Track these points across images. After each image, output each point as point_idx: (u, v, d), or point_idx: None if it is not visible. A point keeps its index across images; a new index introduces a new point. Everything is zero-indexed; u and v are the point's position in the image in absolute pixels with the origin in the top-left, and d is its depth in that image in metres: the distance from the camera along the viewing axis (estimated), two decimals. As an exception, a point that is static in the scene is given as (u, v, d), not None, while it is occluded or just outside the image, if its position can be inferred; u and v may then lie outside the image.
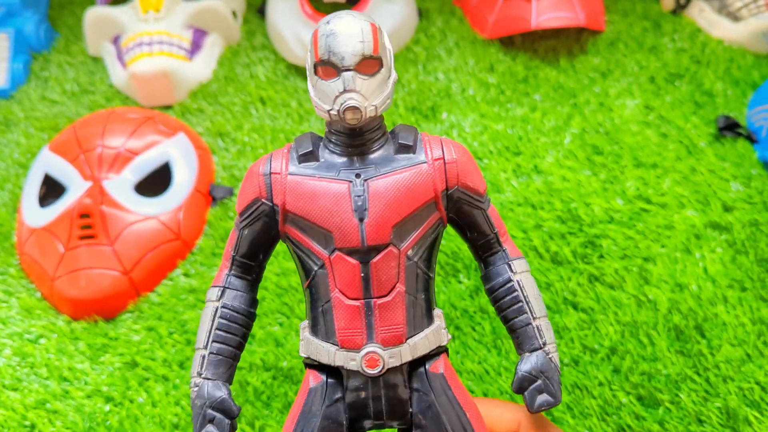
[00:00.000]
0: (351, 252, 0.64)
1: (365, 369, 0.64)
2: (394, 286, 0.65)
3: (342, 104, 0.63)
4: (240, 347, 0.69)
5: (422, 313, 0.67)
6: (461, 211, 0.69)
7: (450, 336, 0.69)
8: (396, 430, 0.69)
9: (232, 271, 0.70)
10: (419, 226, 0.66)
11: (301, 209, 0.65)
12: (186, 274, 1.17)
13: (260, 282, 0.72)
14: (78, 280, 1.10)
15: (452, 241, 1.18)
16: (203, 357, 0.68)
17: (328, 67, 0.63)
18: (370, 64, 0.65)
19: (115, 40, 1.54)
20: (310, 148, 0.67)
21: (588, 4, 1.52)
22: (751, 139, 1.34)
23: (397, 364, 0.65)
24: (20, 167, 1.36)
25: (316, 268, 0.66)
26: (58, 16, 1.70)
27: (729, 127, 1.35)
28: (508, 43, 1.57)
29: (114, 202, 1.16)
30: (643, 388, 0.98)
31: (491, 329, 1.07)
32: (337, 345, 0.65)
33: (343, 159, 0.66)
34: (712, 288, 1.11)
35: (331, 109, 0.64)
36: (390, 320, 0.65)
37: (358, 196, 0.65)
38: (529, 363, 0.67)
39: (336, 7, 1.54)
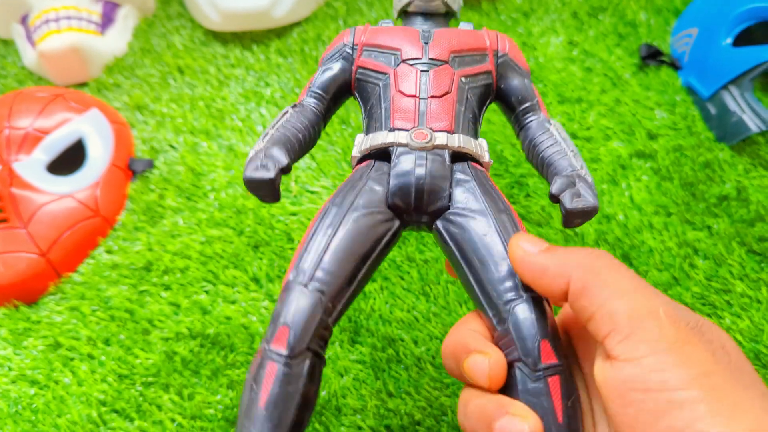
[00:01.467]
0: (414, 62, 0.73)
1: (413, 140, 0.69)
2: (446, 93, 0.72)
3: None
4: (301, 138, 0.73)
5: (468, 126, 0.73)
6: (509, 76, 0.76)
7: (491, 161, 0.74)
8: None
9: (308, 98, 0.77)
10: (474, 64, 0.75)
11: (377, 40, 0.76)
12: (108, 251, 1.14)
13: (324, 122, 0.78)
14: (-8, 266, 1.06)
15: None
16: (267, 134, 0.72)
17: None
18: None
19: (23, 20, 1.48)
20: (390, 23, 0.79)
21: (507, -56, 1.49)
22: (674, 65, 1.33)
23: (443, 142, 0.69)
24: (-69, 159, 1.31)
25: (381, 83, 0.74)
26: (-36, 1, 1.63)
27: (652, 56, 1.34)
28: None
29: (25, 183, 1.12)
30: (571, 320, 0.98)
31: (419, 276, 1.06)
32: (391, 129, 0.71)
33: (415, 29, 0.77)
34: (639, 216, 1.11)
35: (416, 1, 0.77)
36: (439, 114, 0.71)
37: (425, 33, 0.75)
38: (566, 176, 0.70)
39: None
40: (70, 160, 1.20)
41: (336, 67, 0.77)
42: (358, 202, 0.67)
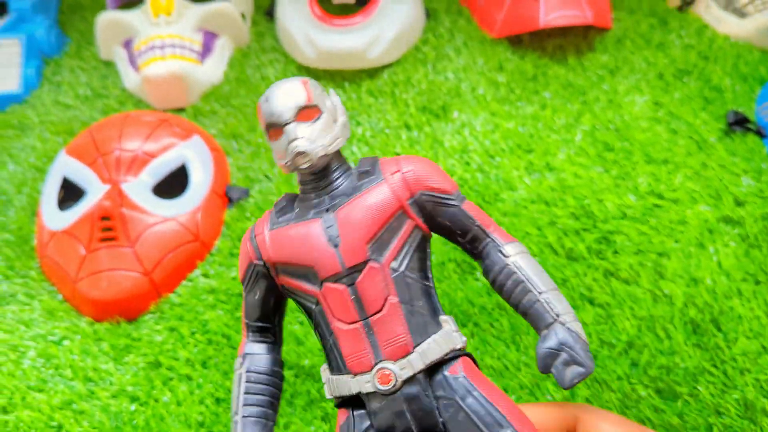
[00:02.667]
0: (336, 279, 0.66)
1: (379, 387, 0.64)
2: (385, 300, 0.66)
3: (291, 152, 0.67)
4: (272, 406, 0.71)
5: (425, 320, 0.66)
6: (436, 214, 0.70)
7: (464, 339, 0.67)
8: None
9: (250, 338, 0.73)
10: (395, 238, 0.68)
11: (285, 256, 0.69)
12: (205, 275, 1.18)
13: (281, 343, 0.75)
14: (100, 281, 1.11)
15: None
16: (236, 423, 0.70)
17: (274, 128, 0.69)
18: (307, 112, 0.69)
19: (127, 44, 1.55)
20: (284, 203, 0.72)
21: (595, 2, 1.53)
22: (760, 133, 1.35)
23: (410, 374, 0.64)
24: (37, 171, 1.37)
25: (313, 306, 0.68)
26: (68, 21, 1.71)
27: (738, 122, 1.36)
28: (516, 41, 1.58)
29: (133, 205, 1.17)
30: (662, 382, 1.00)
31: (509, 325, 1.08)
32: (350, 373, 0.66)
33: (315, 200, 0.70)
34: (727, 282, 1.12)
35: (286, 162, 0.69)
36: (390, 333, 0.65)
37: (329, 226, 0.67)
38: (547, 339, 0.65)
39: (344, 9, 1.55)
40: (172, 183, 1.25)
41: (260, 288, 0.72)
42: None
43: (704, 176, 1.28)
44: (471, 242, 0.71)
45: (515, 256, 0.69)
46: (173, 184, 1.25)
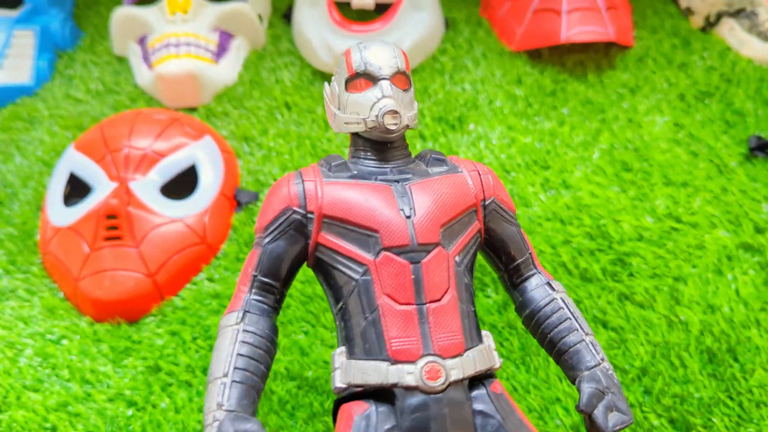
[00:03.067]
0: (400, 252, 0.60)
1: (426, 382, 0.57)
2: (446, 291, 0.61)
3: (381, 109, 0.63)
4: (264, 378, 0.62)
5: (475, 326, 0.63)
6: (497, 227, 0.67)
7: (501, 361, 0.64)
8: None
9: (253, 293, 0.64)
10: (464, 232, 0.64)
11: (342, 211, 0.62)
12: (210, 279, 1.16)
13: (279, 311, 0.66)
14: (102, 280, 1.08)
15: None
16: (224, 385, 0.59)
17: (363, 79, 0.65)
18: (402, 79, 0.67)
19: (141, 41, 1.53)
20: (338, 161, 0.67)
21: (617, 19, 1.51)
22: (782, 160, 1.33)
23: (461, 376, 0.58)
24: (44, 165, 1.35)
25: (357, 276, 0.61)
26: (83, 15, 1.69)
27: (760, 148, 1.33)
28: (535, 55, 1.56)
29: (140, 204, 1.15)
30: (675, 411, 0.97)
31: (519, 345, 1.05)
32: (389, 359, 0.58)
33: (377, 169, 0.66)
34: (745, 311, 1.09)
35: (367, 117, 0.64)
36: (447, 326, 0.59)
37: (403, 196, 0.63)
38: (593, 380, 0.62)
39: (364, 14, 1.53)
40: (180, 184, 1.22)
41: (287, 240, 0.63)
42: None
43: (724, 201, 1.25)
44: (517, 268, 0.68)
45: (562, 293, 0.67)
46: (182, 185, 1.23)
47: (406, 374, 0.58)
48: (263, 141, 1.39)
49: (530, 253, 0.69)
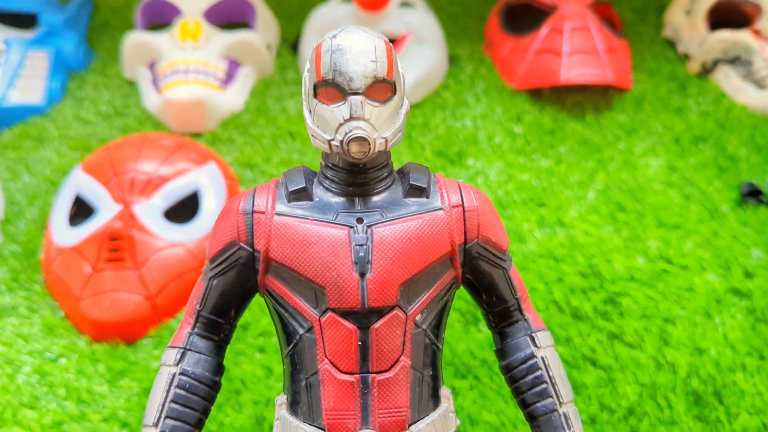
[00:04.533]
0: (347, 314, 0.54)
1: None
2: (397, 360, 0.54)
3: (347, 134, 0.53)
4: (199, 424, 0.57)
5: (429, 393, 0.57)
6: (479, 270, 0.58)
7: (459, 422, 0.60)
8: None
9: (196, 329, 0.59)
10: (431, 286, 0.56)
11: (289, 258, 0.55)
12: (208, 303, 1.18)
13: (229, 342, 0.61)
14: (102, 302, 1.11)
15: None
16: None
17: (332, 89, 0.54)
18: (382, 88, 0.55)
19: (152, 66, 1.57)
20: (303, 185, 0.58)
21: (616, 63, 1.55)
22: (773, 206, 1.35)
23: None
24: (51, 184, 1.38)
25: (301, 331, 0.55)
26: (96, 38, 1.74)
27: (752, 194, 1.36)
28: (535, 94, 1.60)
29: (143, 227, 1.17)
30: (660, 452, 0.98)
31: (510, 381, 1.07)
32: (323, 430, 0.54)
33: (342, 199, 0.56)
34: (732, 354, 1.11)
35: (332, 140, 0.54)
36: (391, 401, 0.54)
37: (360, 245, 0.55)
38: None
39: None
40: (183, 208, 1.25)
41: (231, 276, 0.57)
42: None
43: (714, 245, 1.27)
44: (501, 313, 0.61)
45: (546, 350, 0.60)
46: (185, 209, 1.25)
47: None
48: (266, 168, 1.42)
49: (518, 299, 0.61)
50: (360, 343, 0.54)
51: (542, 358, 0.59)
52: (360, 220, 0.55)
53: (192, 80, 1.48)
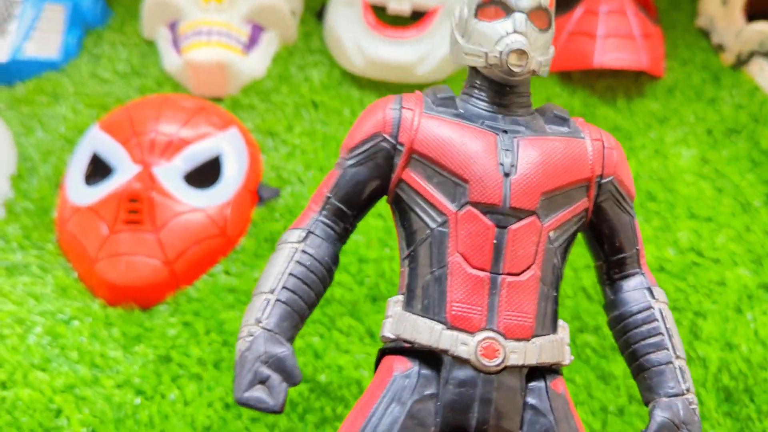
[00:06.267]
0: (487, 210, 0.54)
1: (480, 359, 0.52)
2: (529, 267, 0.54)
3: (507, 45, 0.56)
4: (312, 306, 0.58)
5: (551, 313, 0.56)
6: (609, 212, 0.59)
7: (572, 357, 0.58)
8: None
9: (322, 216, 0.60)
10: (567, 208, 0.57)
11: (434, 150, 0.56)
12: (227, 272, 1.14)
13: (345, 241, 0.62)
14: (119, 264, 1.07)
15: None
16: (267, 302, 0.56)
17: (497, 7, 0.58)
18: (543, 16, 0.59)
19: (172, 26, 1.52)
20: (447, 94, 0.60)
21: (651, 49, 1.50)
22: (806, 203, 1.32)
23: (520, 362, 0.53)
24: (65, 141, 1.33)
25: (433, 225, 0.55)
26: (114, -5, 1.68)
27: (786, 190, 1.33)
28: (565, 77, 1.56)
29: (163, 190, 1.13)
30: (690, 447, 0.96)
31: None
32: (446, 323, 0.53)
33: (487, 113, 0.58)
34: (763, 351, 1.08)
35: (490, 52, 0.57)
36: (518, 306, 0.53)
37: (507, 150, 0.56)
38: (670, 410, 0.56)
39: (399, 20, 1.52)
40: (203, 173, 1.21)
41: (368, 167, 0.59)
42: None
43: (746, 239, 1.24)
44: (619, 262, 0.60)
45: (663, 304, 0.60)
46: (204, 174, 1.21)
47: (460, 344, 0.53)
48: (288, 138, 1.37)
49: (638, 250, 0.61)
50: (495, 241, 0.54)
51: (659, 311, 0.59)
52: (505, 132, 0.57)
53: (215, 42, 1.43)
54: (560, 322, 0.58)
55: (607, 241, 0.60)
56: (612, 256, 0.61)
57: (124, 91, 1.45)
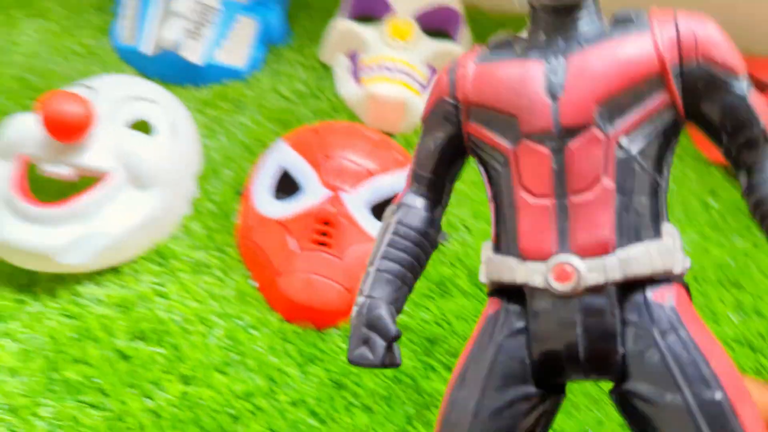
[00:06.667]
0: (540, 138, 0.53)
1: (552, 284, 0.51)
2: (597, 180, 0.52)
3: None
4: (412, 268, 0.63)
5: (641, 222, 0.52)
6: (705, 99, 0.54)
7: (688, 263, 0.53)
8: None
9: (411, 188, 0.65)
10: (637, 108, 0.53)
11: (485, 96, 0.57)
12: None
13: (446, 205, 0.66)
14: (303, 282, 1.09)
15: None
16: (368, 274, 0.65)
17: None
18: None
19: (352, 55, 1.56)
20: (503, 38, 0.60)
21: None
22: None
23: (599, 281, 0.50)
24: (245, 150, 1.38)
25: (499, 168, 0.56)
26: (295, 16, 1.74)
27: None
28: (732, 171, 1.54)
29: (349, 216, 1.16)
30: None
31: None
32: (520, 256, 0.53)
33: (545, 40, 0.57)
34: None
35: None
36: (591, 222, 0.51)
37: (554, 73, 0.54)
38: None
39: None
40: (381, 208, 1.23)
41: (441, 132, 0.61)
42: (492, 384, 0.53)
43: None
44: (744, 146, 0.54)
45: None
46: (380, 208, 1.23)
47: (534, 273, 0.53)
48: (456, 185, 1.39)
49: (762, 130, 0.54)
50: (555, 166, 0.53)
51: None
52: (556, 55, 0.55)
53: (397, 80, 1.47)
54: (667, 227, 0.54)
55: (720, 128, 0.55)
56: (733, 142, 0.56)
57: (302, 110, 1.49)
